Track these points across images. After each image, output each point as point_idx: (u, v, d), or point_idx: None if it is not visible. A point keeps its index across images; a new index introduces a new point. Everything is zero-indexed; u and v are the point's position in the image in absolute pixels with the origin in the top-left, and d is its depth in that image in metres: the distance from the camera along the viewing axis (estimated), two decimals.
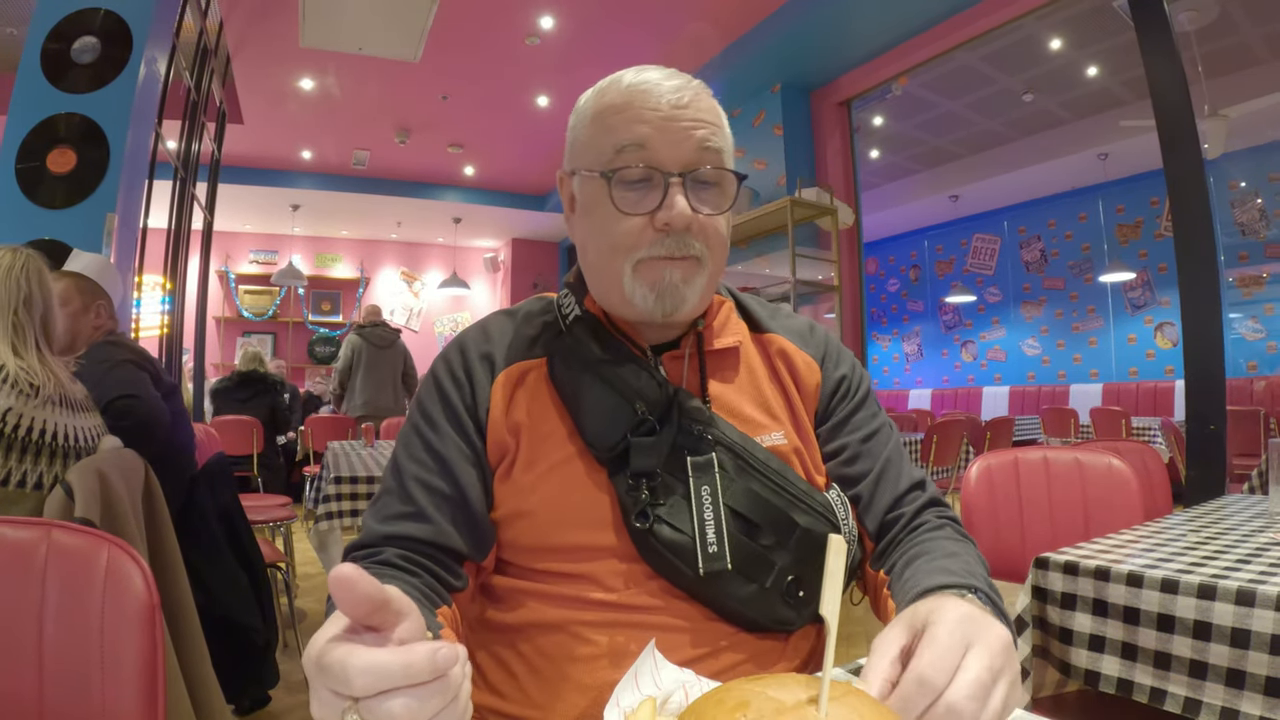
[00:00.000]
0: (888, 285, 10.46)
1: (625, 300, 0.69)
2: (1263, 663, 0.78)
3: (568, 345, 0.73)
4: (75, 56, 2.63)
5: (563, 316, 0.75)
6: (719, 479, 0.67)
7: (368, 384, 4.94)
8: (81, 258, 1.93)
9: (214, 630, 1.43)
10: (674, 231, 0.65)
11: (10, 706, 0.68)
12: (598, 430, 0.68)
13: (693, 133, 0.66)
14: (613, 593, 0.66)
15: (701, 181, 0.67)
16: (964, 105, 6.55)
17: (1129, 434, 5.06)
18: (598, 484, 0.68)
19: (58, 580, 0.70)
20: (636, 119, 0.66)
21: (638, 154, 0.66)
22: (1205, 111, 4.90)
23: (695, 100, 0.68)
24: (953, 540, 0.67)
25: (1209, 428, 2.42)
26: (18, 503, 1.25)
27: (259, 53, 5.19)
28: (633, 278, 0.67)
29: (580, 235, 0.73)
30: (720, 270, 0.72)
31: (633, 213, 0.66)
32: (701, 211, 0.67)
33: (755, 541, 0.67)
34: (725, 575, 0.65)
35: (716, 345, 0.74)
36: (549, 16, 4.86)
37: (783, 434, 0.72)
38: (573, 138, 0.72)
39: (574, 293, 0.76)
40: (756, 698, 0.38)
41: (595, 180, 0.68)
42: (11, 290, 1.35)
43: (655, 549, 0.65)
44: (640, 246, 0.66)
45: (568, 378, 0.71)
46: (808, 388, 0.77)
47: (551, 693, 0.64)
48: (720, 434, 0.69)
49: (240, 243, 9.35)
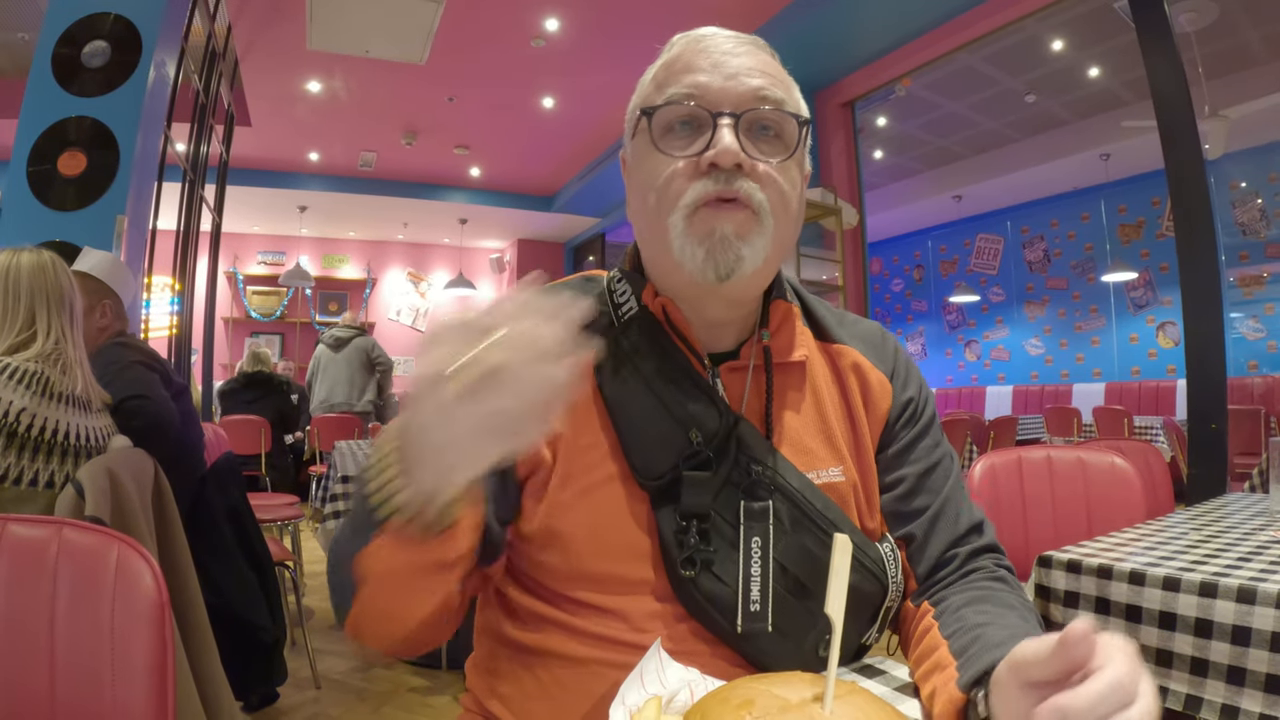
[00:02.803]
0: (892, 285, 10.44)
1: (675, 265, 0.60)
2: (1263, 660, 0.78)
3: (620, 349, 0.65)
4: (86, 61, 2.65)
5: (615, 308, 0.67)
6: (773, 530, 0.60)
7: (323, 384, 5.27)
8: (91, 256, 1.89)
9: (223, 628, 1.44)
10: (722, 171, 0.58)
11: (22, 702, 0.69)
12: (646, 455, 0.61)
13: (748, 80, 0.60)
14: (643, 634, 0.60)
15: (757, 124, 0.60)
16: (967, 106, 6.54)
17: (1131, 433, 5.05)
18: (638, 514, 0.61)
19: (69, 578, 0.70)
20: (688, 67, 0.61)
21: (686, 99, 0.60)
22: (1206, 112, 4.89)
23: (753, 51, 0.62)
24: (1014, 595, 0.62)
25: (1210, 427, 2.41)
26: (29, 501, 1.26)
27: (267, 56, 5.21)
28: (684, 233, 0.59)
29: (634, 206, 0.65)
30: (787, 237, 0.63)
31: (676, 155, 0.59)
32: (757, 158, 0.59)
33: (800, 602, 0.61)
34: (763, 635, 0.60)
35: (783, 359, 0.67)
36: (554, 19, 4.87)
37: (841, 470, 0.65)
38: (631, 108, 0.66)
39: (630, 283, 0.67)
40: (761, 696, 0.39)
41: (641, 128, 0.62)
42: (60, 285, 1.40)
43: (694, 597, 0.60)
44: (686, 190, 0.59)
45: (616, 388, 0.63)
46: (878, 411, 0.69)
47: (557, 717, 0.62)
48: (781, 479, 0.62)
49: (248, 244, 9.38)
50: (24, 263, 1.39)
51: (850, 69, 5.42)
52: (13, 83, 4.70)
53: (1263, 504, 1.39)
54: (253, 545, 1.89)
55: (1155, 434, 4.85)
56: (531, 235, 10.03)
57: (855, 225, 5.39)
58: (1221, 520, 1.24)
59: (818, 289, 5.16)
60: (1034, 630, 0.55)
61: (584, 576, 0.62)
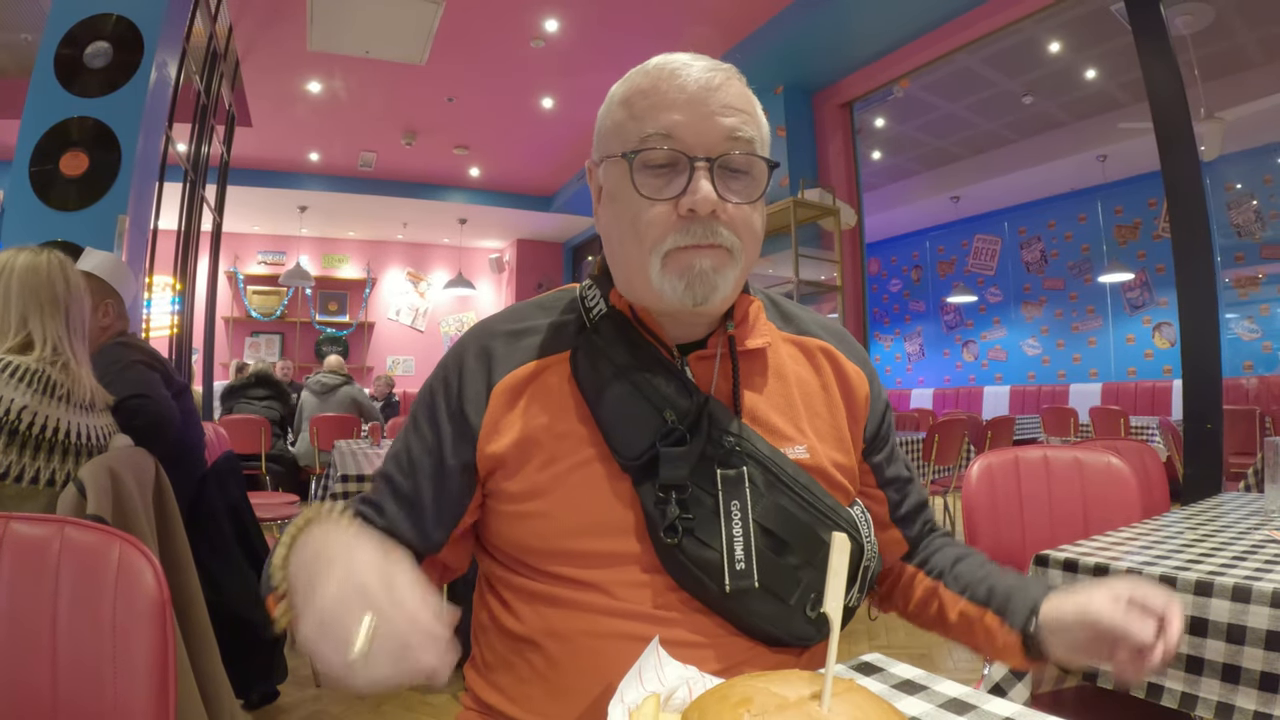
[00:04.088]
0: (890, 285, 10.45)
1: (654, 293, 0.65)
2: (1257, 658, 0.79)
3: (593, 343, 0.69)
4: (88, 61, 2.66)
5: (587, 311, 0.72)
6: (749, 494, 0.64)
7: (309, 431, 5.04)
8: (93, 256, 1.90)
9: (223, 626, 1.45)
10: (699, 218, 0.62)
11: (24, 699, 0.69)
12: (624, 437, 0.65)
13: (721, 120, 0.63)
14: (630, 604, 0.63)
15: (730, 169, 0.64)
16: (965, 107, 6.55)
17: (1127, 433, 5.05)
18: (619, 491, 0.65)
19: (70, 576, 0.71)
20: (663, 103, 0.63)
21: (663, 140, 0.63)
22: (1202, 114, 4.91)
23: (725, 84, 0.64)
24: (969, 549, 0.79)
25: (1206, 426, 2.42)
26: (31, 499, 1.26)
27: (267, 56, 5.22)
28: (661, 271, 0.63)
29: (605, 224, 0.70)
30: (752, 264, 0.68)
31: (655, 198, 0.63)
32: (729, 200, 0.63)
33: (782, 559, 0.65)
34: (750, 593, 0.63)
35: (747, 345, 0.71)
36: (554, 19, 4.88)
37: (806, 448, 0.70)
38: (600, 125, 0.69)
39: (599, 286, 0.73)
40: (760, 693, 0.39)
41: (619, 163, 0.65)
42: (53, 286, 1.38)
43: (681, 564, 0.63)
44: (665, 237, 0.63)
45: (592, 379, 0.67)
46: (858, 399, 0.75)
47: (561, 702, 0.63)
48: (751, 447, 0.66)
49: (249, 244, 9.39)
50: (17, 265, 1.37)
51: (849, 70, 5.43)
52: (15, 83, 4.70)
53: (1257, 503, 1.40)
54: (253, 544, 1.90)
55: (1151, 434, 4.86)
56: (531, 235, 10.04)
57: (853, 226, 5.40)
58: (1217, 519, 1.24)
59: (816, 289, 5.17)
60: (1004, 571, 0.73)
61: (568, 553, 0.65)
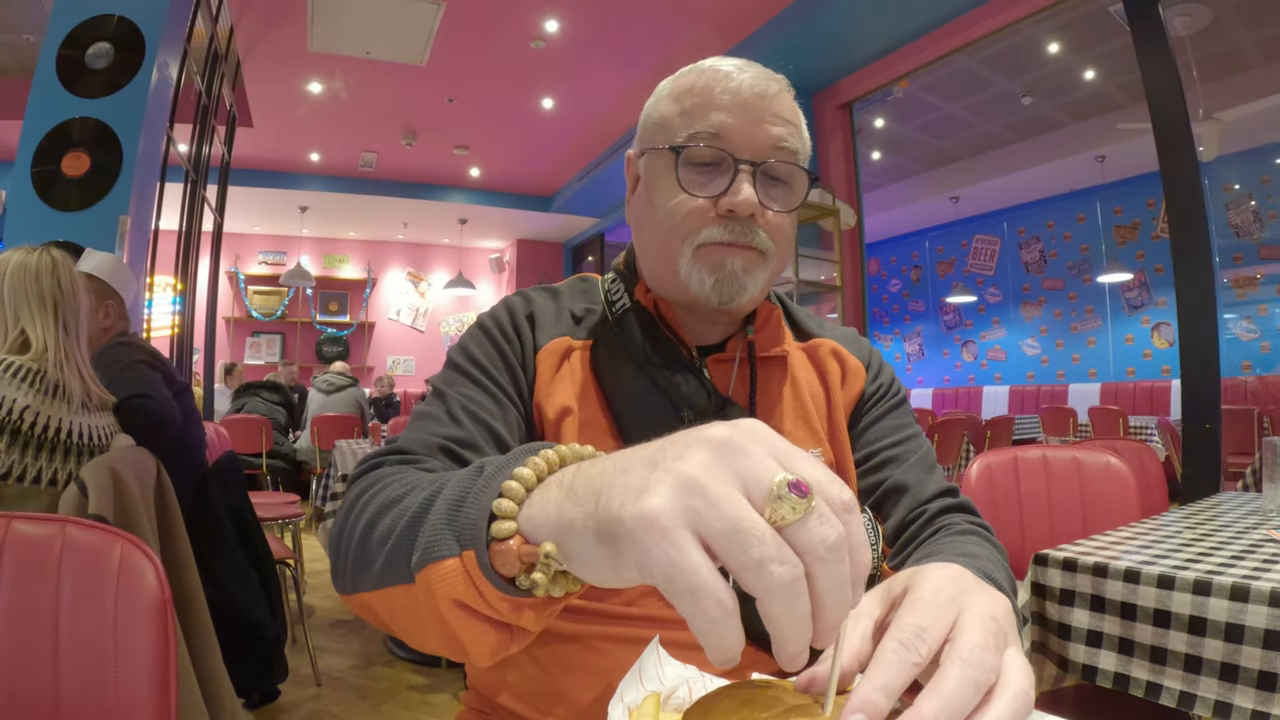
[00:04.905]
0: (889, 285, 10.45)
1: (680, 284, 0.66)
2: (1255, 657, 0.79)
3: (615, 339, 0.70)
4: (89, 62, 2.66)
5: (610, 305, 0.72)
6: None
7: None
8: (94, 257, 1.91)
9: (224, 625, 1.45)
10: (737, 219, 0.63)
11: (26, 698, 0.69)
12: (642, 434, 0.59)
13: (770, 128, 0.64)
14: (635, 606, 0.63)
15: (771, 176, 0.65)
16: (964, 108, 6.56)
17: (1126, 433, 5.06)
18: None
19: (72, 575, 0.71)
20: (714, 103, 0.64)
21: (711, 139, 0.63)
22: (1200, 115, 4.91)
23: (779, 95, 0.65)
24: (978, 544, 0.60)
25: (1204, 426, 2.43)
26: (33, 499, 1.27)
27: (268, 57, 5.22)
28: (692, 261, 0.65)
29: (639, 213, 0.70)
30: (780, 271, 0.69)
31: (697, 194, 0.64)
32: (770, 207, 0.64)
33: None
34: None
35: (765, 353, 0.72)
36: (554, 20, 4.88)
37: (819, 451, 0.70)
38: (646, 118, 0.70)
39: (624, 281, 0.73)
40: (761, 695, 0.39)
41: (663, 155, 0.66)
42: (41, 285, 1.37)
43: None
44: (701, 229, 0.64)
45: (612, 371, 0.68)
46: (852, 391, 0.75)
47: (562, 701, 0.64)
48: None
49: (249, 244, 9.39)
50: (10, 264, 1.37)
51: (848, 70, 5.43)
52: (17, 84, 4.70)
53: (1256, 503, 1.40)
54: (254, 543, 1.90)
55: (1150, 434, 4.87)
56: (531, 235, 10.04)
57: (853, 226, 5.40)
58: (1215, 519, 1.24)
59: (816, 289, 5.18)
60: (980, 563, 0.55)
61: None
